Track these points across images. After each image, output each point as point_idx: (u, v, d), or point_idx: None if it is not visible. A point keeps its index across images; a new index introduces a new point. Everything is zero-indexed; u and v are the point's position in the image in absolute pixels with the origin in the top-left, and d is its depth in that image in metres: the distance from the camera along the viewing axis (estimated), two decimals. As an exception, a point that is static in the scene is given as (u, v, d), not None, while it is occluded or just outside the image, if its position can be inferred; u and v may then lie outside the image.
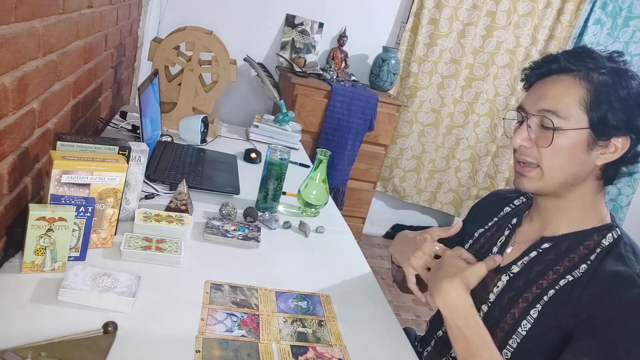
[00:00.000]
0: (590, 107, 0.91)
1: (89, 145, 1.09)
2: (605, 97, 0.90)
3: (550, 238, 1.01)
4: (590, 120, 0.91)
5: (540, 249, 1.01)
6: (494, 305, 1.02)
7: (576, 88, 0.92)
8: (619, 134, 0.92)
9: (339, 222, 1.60)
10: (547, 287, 0.95)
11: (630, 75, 0.92)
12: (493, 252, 1.09)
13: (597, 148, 0.93)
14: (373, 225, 3.58)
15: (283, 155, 1.48)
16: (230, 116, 3.02)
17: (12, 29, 0.88)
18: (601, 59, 0.93)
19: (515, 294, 0.99)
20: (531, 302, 0.96)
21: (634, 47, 3.24)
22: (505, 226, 1.12)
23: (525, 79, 1.02)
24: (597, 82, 0.92)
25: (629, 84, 0.91)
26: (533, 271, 0.99)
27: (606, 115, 0.90)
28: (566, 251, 0.97)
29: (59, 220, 0.94)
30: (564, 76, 0.94)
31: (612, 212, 1.02)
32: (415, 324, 2.69)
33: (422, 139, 3.32)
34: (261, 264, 1.23)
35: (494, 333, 0.99)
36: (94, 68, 1.54)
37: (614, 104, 0.90)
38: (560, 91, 0.93)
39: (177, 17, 2.80)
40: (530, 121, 0.96)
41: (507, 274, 1.02)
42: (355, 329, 1.06)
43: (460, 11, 3.08)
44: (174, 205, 1.31)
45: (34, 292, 0.92)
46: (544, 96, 0.95)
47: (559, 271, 0.96)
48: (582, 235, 0.98)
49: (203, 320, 0.96)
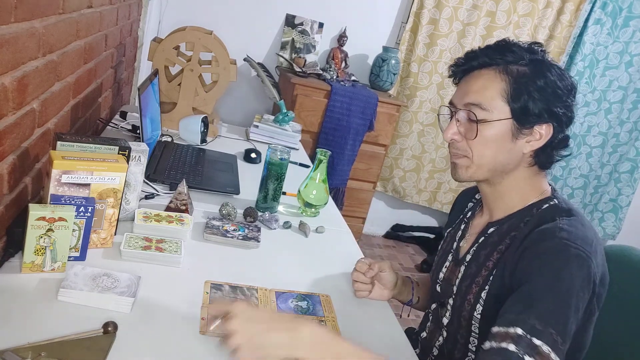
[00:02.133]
0: (512, 97, 0.96)
1: (89, 145, 1.09)
2: (524, 88, 0.95)
3: (494, 222, 1.05)
4: (512, 110, 0.96)
5: (487, 234, 1.05)
6: (456, 296, 1.06)
7: (497, 81, 0.97)
8: (541, 122, 0.97)
9: (339, 222, 1.60)
10: (492, 267, 0.99)
11: (547, 66, 0.97)
12: (453, 247, 1.13)
13: (522, 136, 0.97)
14: (373, 225, 3.58)
15: (283, 155, 1.48)
16: (230, 116, 3.02)
17: (12, 29, 0.88)
18: (520, 52, 0.97)
19: (470, 281, 1.03)
20: (481, 285, 1.00)
21: (634, 47, 3.23)
22: (462, 220, 1.17)
23: (453, 75, 1.06)
24: (516, 74, 0.96)
25: (546, 74, 0.95)
26: (481, 255, 1.03)
27: (527, 104, 0.95)
28: (508, 230, 1.01)
29: (59, 220, 0.94)
30: (485, 70, 0.99)
31: (553, 186, 1.05)
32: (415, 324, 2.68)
33: (422, 139, 3.32)
34: (261, 264, 1.23)
35: (460, 323, 1.04)
36: (94, 68, 1.54)
37: (533, 94, 0.95)
38: (483, 85, 0.98)
39: (177, 17, 2.80)
40: (458, 115, 1.01)
41: (463, 264, 1.07)
42: (355, 329, 1.06)
43: (460, 11, 3.08)
44: (174, 205, 1.31)
45: (34, 292, 0.92)
46: (469, 91, 1.00)
47: (501, 250, 0.99)
48: (521, 213, 1.02)
49: (203, 320, 0.96)
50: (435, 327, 1.14)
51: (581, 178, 3.53)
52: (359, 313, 1.13)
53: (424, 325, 1.20)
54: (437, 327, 1.13)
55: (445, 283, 1.12)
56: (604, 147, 3.45)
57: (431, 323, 1.16)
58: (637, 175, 3.53)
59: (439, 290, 1.13)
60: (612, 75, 3.29)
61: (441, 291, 1.13)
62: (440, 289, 1.13)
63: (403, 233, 3.64)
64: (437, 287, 1.15)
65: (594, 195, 3.60)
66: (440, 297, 1.12)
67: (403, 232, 3.64)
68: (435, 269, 1.17)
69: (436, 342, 1.12)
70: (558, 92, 0.95)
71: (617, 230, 3.64)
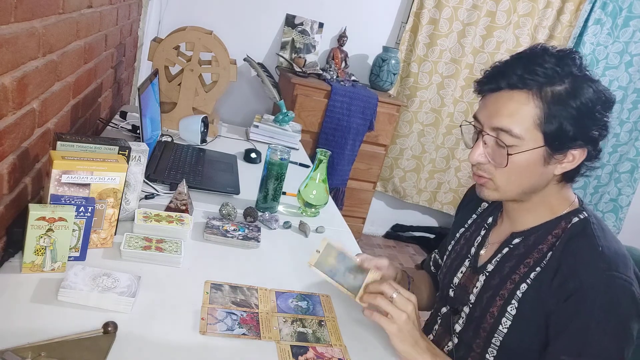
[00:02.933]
0: (545, 124, 0.89)
1: (89, 145, 1.08)
2: (559, 113, 0.88)
3: (519, 233, 1.02)
4: (545, 138, 0.90)
5: (512, 245, 1.02)
6: (475, 306, 1.03)
7: (530, 105, 0.90)
8: (576, 146, 0.91)
9: (339, 222, 1.60)
10: (519, 281, 0.97)
11: (584, 83, 0.89)
12: (471, 253, 1.10)
13: (554, 161, 0.93)
14: (373, 225, 3.58)
15: (283, 155, 1.48)
16: (230, 116, 3.02)
17: (12, 29, 0.88)
18: (554, 67, 0.89)
19: (493, 292, 1.00)
20: (507, 298, 0.97)
21: (634, 47, 3.24)
22: (482, 226, 1.13)
23: (478, 91, 0.99)
24: (550, 97, 0.89)
25: (583, 93, 0.88)
26: (506, 267, 1.00)
27: (561, 130, 0.89)
28: (535, 243, 0.99)
29: (59, 220, 0.94)
30: (517, 93, 0.91)
31: (580, 197, 1.02)
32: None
33: (422, 139, 3.32)
34: (261, 264, 1.23)
35: (478, 334, 1.01)
36: (94, 68, 1.54)
37: (568, 119, 0.88)
38: (514, 109, 0.91)
39: (177, 17, 2.80)
40: (485, 138, 0.95)
41: (483, 274, 1.04)
42: (355, 329, 1.06)
43: (460, 11, 3.08)
44: (174, 205, 1.31)
45: (34, 292, 0.92)
46: (498, 113, 0.92)
47: (529, 264, 0.97)
48: (549, 225, 0.99)
49: (203, 320, 0.96)
50: (445, 331, 1.11)
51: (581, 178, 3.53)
52: (359, 313, 1.13)
53: (431, 328, 1.17)
54: (446, 332, 1.10)
55: (460, 289, 1.08)
56: (604, 147, 3.45)
57: (440, 327, 1.13)
58: (637, 175, 3.53)
59: (452, 295, 1.10)
60: (612, 75, 3.29)
61: (455, 296, 1.09)
62: (454, 294, 1.10)
63: (403, 233, 3.64)
64: (449, 292, 1.11)
65: (594, 195, 3.60)
66: (454, 303, 1.09)
67: (403, 232, 3.64)
68: (448, 272, 1.14)
69: (445, 346, 1.10)
70: (594, 113, 0.89)
71: (617, 230, 3.64)
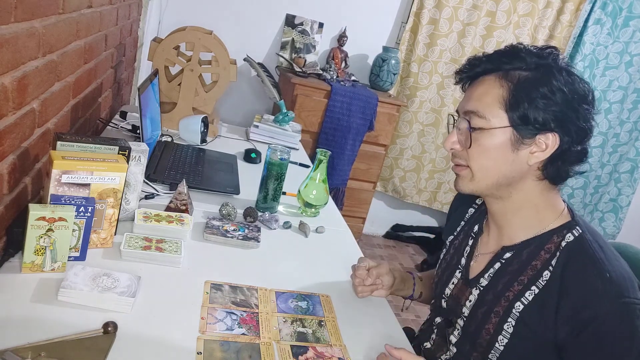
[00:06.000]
0: (510, 105, 0.90)
1: (89, 145, 1.09)
2: (525, 95, 0.89)
3: (510, 247, 0.99)
4: (511, 118, 0.91)
5: (503, 260, 1.00)
6: (469, 321, 1.02)
7: (496, 87, 0.92)
8: (545, 131, 0.90)
9: (339, 222, 1.60)
10: (513, 299, 0.95)
11: (554, 71, 0.90)
12: (461, 263, 1.09)
13: (524, 147, 0.92)
14: (373, 225, 3.58)
15: (283, 155, 1.48)
16: (230, 116, 3.02)
17: (12, 29, 0.88)
18: (527, 57, 0.92)
19: (487, 309, 0.98)
20: (502, 316, 0.95)
21: (634, 47, 3.23)
22: (469, 234, 1.11)
23: (460, 83, 1.02)
24: (517, 80, 0.91)
25: (551, 80, 0.89)
26: (499, 284, 0.98)
27: (527, 112, 0.89)
28: (528, 259, 0.96)
29: (59, 220, 0.94)
30: (487, 77, 0.94)
31: (570, 206, 0.99)
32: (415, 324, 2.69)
33: (422, 139, 3.32)
34: (261, 264, 1.23)
35: (475, 348, 1.00)
36: (94, 68, 1.54)
37: (534, 101, 0.89)
38: (482, 91, 0.94)
39: (177, 17, 2.80)
40: (458, 124, 0.97)
41: (477, 287, 1.02)
42: (355, 329, 1.06)
43: (460, 11, 3.08)
44: (174, 205, 1.31)
45: (34, 292, 0.92)
46: (469, 98, 0.96)
47: (523, 281, 0.95)
48: (540, 239, 0.96)
49: (203, 319, 0.96)
50: (442, 341, 1.10)
51: (581, 178, 3.53)
52: (359, 313, 1.13)
53: (428, 336, 1.15)
54: (443, 342, 1.10)
55: (452, 301, 1.07)
56: (604, 147, 3.46)
57: (436, 336, 1.13)
58: (637, 175, 3.53)
59: (445, 306, 1.10)
60: (612, 75, 3.29)
61: (447, 308, 1.09)
62: (446, 305, 1.09)
63: (403, 233, 3.64)
64: (442, 302, 1.11)
65: (594, 195, 3.60)
66: (447, 315, 1.09)
67: (403, 232, 3.64)
68: (440, 283, 1.13)
69: (442, 355, 1.09)
70: (566, 100, 0.88)
71: (617, 230, 3.64)
